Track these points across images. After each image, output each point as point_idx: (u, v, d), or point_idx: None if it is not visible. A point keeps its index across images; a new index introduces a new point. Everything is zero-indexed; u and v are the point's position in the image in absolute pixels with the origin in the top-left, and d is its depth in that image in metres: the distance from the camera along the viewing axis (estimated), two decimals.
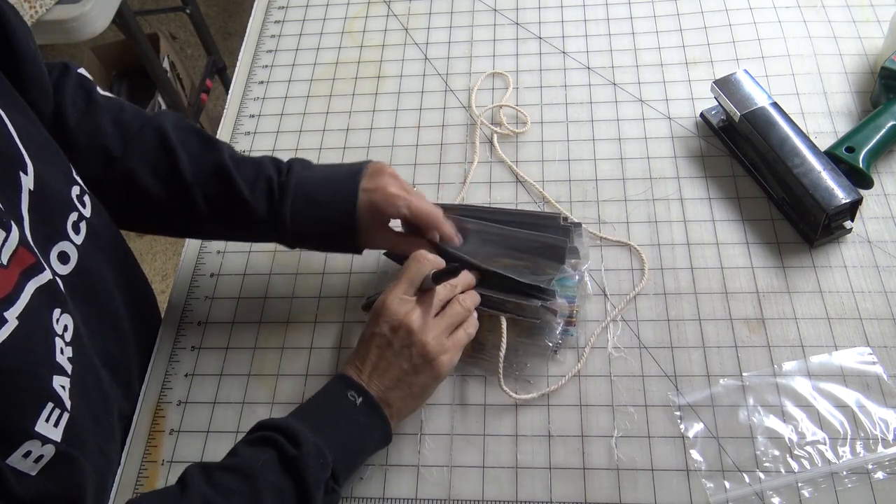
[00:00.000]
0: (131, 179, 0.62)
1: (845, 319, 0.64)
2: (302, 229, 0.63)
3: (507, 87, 0.84)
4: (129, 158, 0.62)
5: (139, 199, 0.63)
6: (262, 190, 0.63)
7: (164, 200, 0.63)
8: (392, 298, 0.58)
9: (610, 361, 0.64)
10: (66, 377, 0.50)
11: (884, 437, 0.58)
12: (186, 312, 0.72)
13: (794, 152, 0.67)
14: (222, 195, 0.63)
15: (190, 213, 0.63)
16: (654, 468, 0.59)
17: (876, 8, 0.85)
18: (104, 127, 0.62)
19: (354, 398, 0.55)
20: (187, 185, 0.62)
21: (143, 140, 0.63)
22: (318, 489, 0.51)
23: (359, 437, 0.56)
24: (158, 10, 1.97)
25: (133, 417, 0.66)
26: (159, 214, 0.65)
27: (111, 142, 0.62)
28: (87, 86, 0.64)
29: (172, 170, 0.62)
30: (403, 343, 0.56)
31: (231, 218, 0.64)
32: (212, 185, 0.62)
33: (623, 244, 0.71)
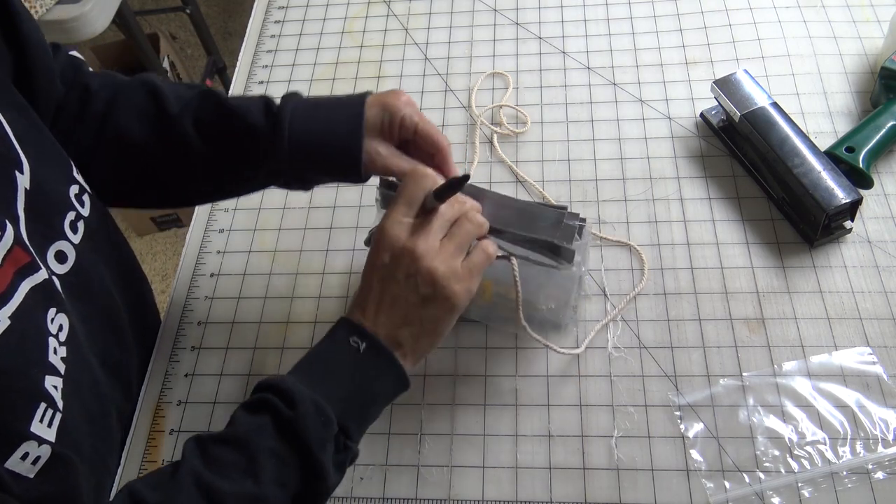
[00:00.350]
0: (121, 134, 0.60)
1: (845, 319, 0.64)
2: (304, 137, 0.57)
3: (507, 87, 0.84)
4: (117, 112, 0.60)
5: (132, 155, 0.60)
6: (257, 104, 0.59)
7: (155, 143, 0.60)
8: (390, 223, 0.51)
9: (610, 361, 0.64)
10: (58, 377, 0.49)
11: (884, 437, 0.58)
12: (186, 312, 0.72)
13: (794, 152, 0.67)
14: (212, 115, 0.59)
15: (183, 153, 0.60)
16: (654, 468, 0.59)
17: (876, 8, 0.85)
18: (92, 87, 0.61)
19: (357, 344, 0.50)
20: (174, 116, 0.59)
21: (128, 92, 0.61)
22: (321, 449, 0.47)
23: (366, 385, 0.50)
24: (158, 10, 1.97)
25: (133, 417, 0.66)
26: (154, 168, 0.61)
27: (98, 102, 0.60)
28: (76, 63, 0.63)
29: (158, 108, 0.59)
30: (408, 272, 0.50)
31: (225, 141, 0.59)
32: (201, 109, 0.59)
33: (623, 244, 0.71)
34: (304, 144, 0.57)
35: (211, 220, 0.78)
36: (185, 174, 0.62)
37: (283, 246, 0.75)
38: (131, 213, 1.94)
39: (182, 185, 0.64)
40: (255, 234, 0.77)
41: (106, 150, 0.61)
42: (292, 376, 0.51)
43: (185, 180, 0.63)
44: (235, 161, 0.60)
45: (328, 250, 0.74)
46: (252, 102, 0.59)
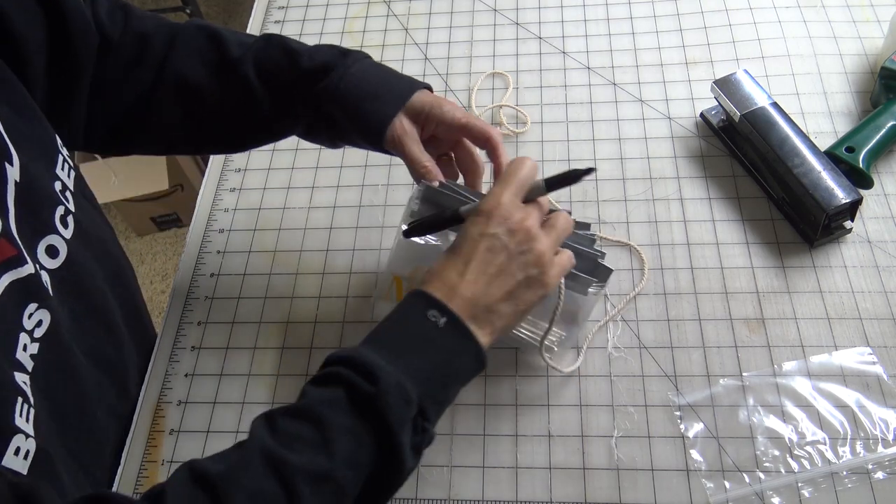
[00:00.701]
0: (181, 78, 0.60)
1: (845, 319, 0.64)
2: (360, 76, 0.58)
3: (507, 87, 0.84)
4: (177, 57, 0.61)
5: (192, 97, 0.61)
6: (325, 47, 0.61)
7: (216, 88, 0.61)
8: (507, 199, 0.50)
9: (610, 361, 0.64)
10: (25, 374, 0.48)
11: (884, 437, 0.58)
12: (186, 312, 0.72)
13: (794, 152, 0.67)
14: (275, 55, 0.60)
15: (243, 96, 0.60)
16: (654, 468, 0.59)
17: (876, 8, 0.85)
18: (148, 33, 0.61)
19: (436, 318, 0.47)
20: (235, 60, 0.60)
21: (188, 35, 0.62)
22: (402, 430, 0.44)
23: (446, 364, 0.47)
24: (158, 10, 1.97)
25: (133, 417, 0.66)
26: (214, 110, 0.62)
27: (157, 45, 0.61)
28: (122, 2, 0.63)
29: (219, 52, 0.61)
30: (521, 248, 0.49)
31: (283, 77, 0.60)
32: (263, 51, 0.61)
33: (623, 244, 0.71)
34: (353, 86, 0.58)
35: (211, 220, 0.78)
36: (244, 116, 0.62)
37: (283, 246, 0.75)
38: (131, 213, 1.94)
39: (239, 127, 0.64)
40: (255, 234, 0.77)
41: (164, 94, 0.61)
42: (367, 348, 0.47)
43: (242, 122, 0.63)
44: (292, 98, 0.60)
45: (328, 250, 0.74)
46: (318, 46, 0.61)
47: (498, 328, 0.50)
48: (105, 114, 0.62)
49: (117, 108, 0.62)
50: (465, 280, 0.48)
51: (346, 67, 0.59)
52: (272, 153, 0.82)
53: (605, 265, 0.59)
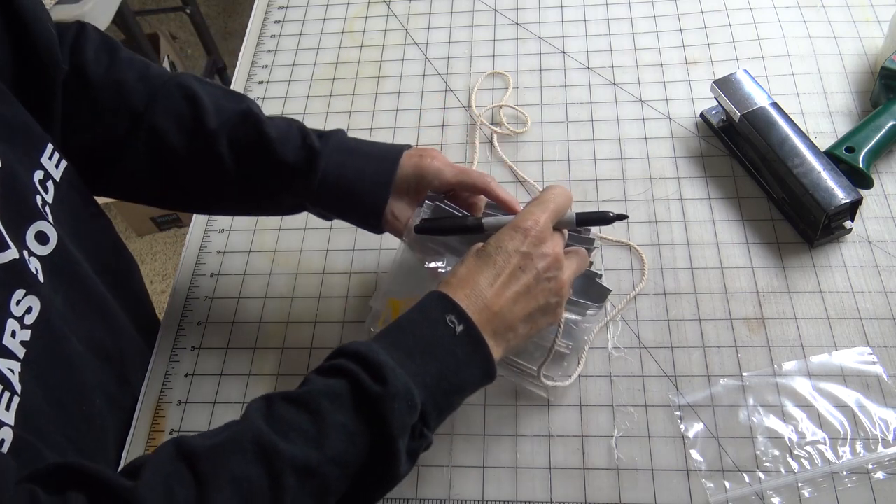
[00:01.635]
0: (156, 135, 0.60)
1: (845, 319, 0.64)
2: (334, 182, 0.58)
3: (507, 87, 0.84)
4: (154, 113, 0.60)
5: (163, 157, 0.60)
6: (295, 137, 0.59)
7: (188, 154, 0.60)
8: (545, 221, 0.50)
9: (610, 361, 0.64)
10: (14, 361, 0.47)
11: (884, 437, 0.58)
12: (186, 312, 0.72)
13: (794, 152, 0.67)
14: (250, 139, 0.59)
15: (214, 170, 0.60)
16: (654, 468, 0.59)
17: (876, 8, 0.85)
18: (128, 83, 0.60)
19: (454, 324, 0.46)
20: (211, 132, 0.59)
21: (168, 94, 0.61)
22: (402, 436, 0.43)
23: (454, 373, 0.46)
24: (158, 10, 1.97)
25: (133, 417, 0.66)
26: (182, 173, 0.61)
27: (136, 97, 0.60)
28: (112, 44, 0.62)
29: (197, 120, 0.60)
30: (549, 275, 0.49)
31: (258, 169, 0.60)
32: (239, 130, 0.60)
33: (623, 244, 0.71)
34: (332, 189, 0.58)
35: (211, 220, 0.79)
36: (212, 188, 0.62)
37: (283, 246, 0.75)
38: (131, 213, 1.94)
39: (206, 196, 0.64)
40: (255, 234, 0.77)
41: (137, 146, 0.60)
42: (379, 345, 0.46)
43: (210, 193, 0.63)
44: (263, 189, 0.61)
45: (328, 250, 0.74)
46: (291, 133, 0.60)
47: (511, 346, 0.50)
48: (76, 148, 0.61)
49: (86, 147, 0.61)
50: (494, 290, 0.48)
51: (317, 174, 0.58)
52: None
53: (604, 286, 0.61)
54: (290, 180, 0.59)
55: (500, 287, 0.48)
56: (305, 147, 0.59)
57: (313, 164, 0.58)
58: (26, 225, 0.52)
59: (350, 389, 0.43)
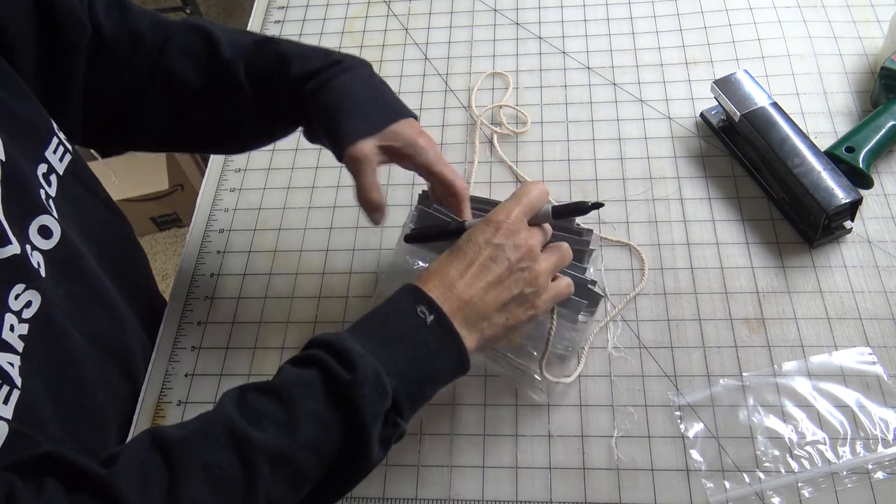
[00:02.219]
0: (173, 78, 0.61)
1: (845, 319, 0.64)
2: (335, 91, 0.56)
3: (507, 87, 0.84)
4: (168, 55, 0.61)
5: (184, 99, 0.61)
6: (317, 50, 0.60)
7: (207, 89, 0.61)
8: (517, 217, 0.51)
9: (610, 361, 0.64)
10: (14, 354, 0.47)
11: (884, 437, 0.58)
12: (186, 312, 0.72)
13: (794, 152, 0.67)
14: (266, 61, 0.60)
15: (232, 93, 0.60)
16: (654, 468, 0.59)
17: (876, 8, 0.85)
18: (143, 32, 0.61)
19: (425, 315, 0.47)
20: (227, 61, 0.60)
21: (180, 34, 0.61)
22: (374, 423, 0.44)
23: (426, 362, 0.47)
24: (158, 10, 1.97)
25: (133, 417, 0.66)
26: (200, 109, 0.62)
27: (151, 44, 0.61)
28: (121, 1, 0.63)
29: (212, 55, 0.61)
30: (521, 265, 0.50)
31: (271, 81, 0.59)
32: (253, 55, 0.60)
33: (623, 244, 0.71)
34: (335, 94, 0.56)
35: (211, 220, 0.78)
36: (232, 117, 0.62)
37: (283, 246, 0.75)
38: (131, 212, 1.93)
39: (228, 127, 0.64)
40: (255, 234, 0.77)
41: (156, 91, 0.61)
42: (350, 334, 0.46)
43: (231, 122, 0.63)
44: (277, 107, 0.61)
45: (328, 250, 0.74)
46: (310, 49, 0.60)
47: (486, 336, 0.50)
48: (101, 109, 0.62)
49: (112, 104, 0.62)
50: (464, 281, 0.49)
51: (331, 76, 0.57)
52: (272, 153, 0.82)
53: (596, 291, 0.61)
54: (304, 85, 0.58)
55: (471, 277, 0.49)
56: (329, 57, 0.59)
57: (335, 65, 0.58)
58: (30, 219, 0.52)
59: (321, 377, 0.44)
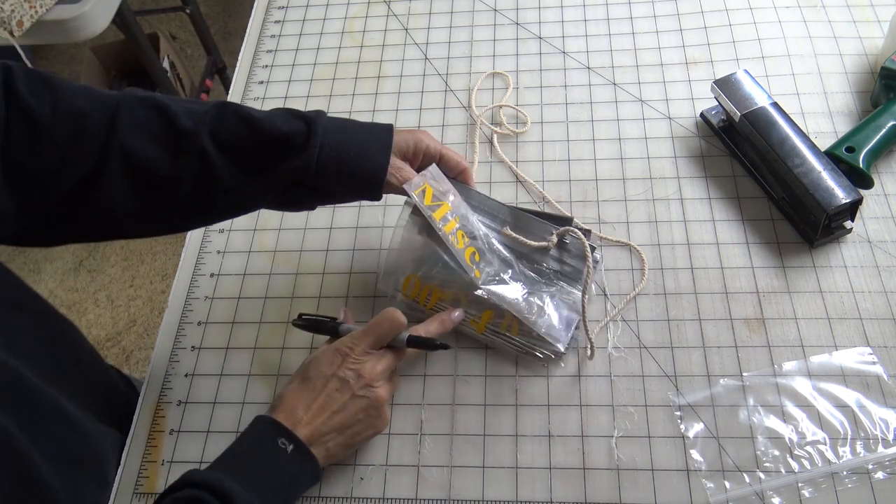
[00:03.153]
0: (130, 154, 0.54)
1: (845, 319, 0.64)
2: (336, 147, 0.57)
3: (507, 87, 0.84)
4: (121, 133, 0.54)
5: (145, 176, 0.55)
6: (279, 113, 0.58)
7: (170, 163, 0.55)
8: (360, 347, 0.58)
9: (610, 361, 0.64)
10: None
11: (884, 437, 0.58)
12: (186, 312, 0.72)
13: (794, 152, 0.67)
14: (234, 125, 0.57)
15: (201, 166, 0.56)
16: (654, 468, 0.59)
17: (876, 8, 0.85)
18: (84, 110, 0.54)
19: (285, 445, 0.54)
20: (189, 131, 0.55)
21: (130, 109, 0.55)
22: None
23: (290, 485, 0.54)
24: (158, 10, 1.97)
25: (133, 418, 0.66)
26: (168, 186, 0.56)
27: (97, 122, 0.54)
28: (45, 76, 0.55)
29: (170, 126, 0.55)
30: (363, 392, 0.57)
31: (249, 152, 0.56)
32: (217, 121, 0.57)
33: (623, 244, 0.71)
34: (335, 154, 0.58)
35: None
36: (203, 192, 0.57)
37: (283, 246, 0.75)
38: None
39: (198, 204, 0.59)
40: (255, 234, 0.77)
41: (111, 173, 0.55)
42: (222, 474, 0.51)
43: (201, 198, 0.58)
44: (259, 173, 0.58)
45: (328, 250, 0.74)
46: (273, 112, 0.59)
47: (332, 452, 0.57)
48: (41, 201, 0.54)
49: (56, 193, 0.54)
50: (310, 414, 0.56)
51: (317, 138, 0.57)
52: None
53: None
54: (288, 152, 0.57)
55: (318, 408, 0.56)
56: (297, 117, 0.58)
57: (312, 128, 0.57)
58: None
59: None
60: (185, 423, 0.65)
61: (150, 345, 1.73)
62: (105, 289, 1.84)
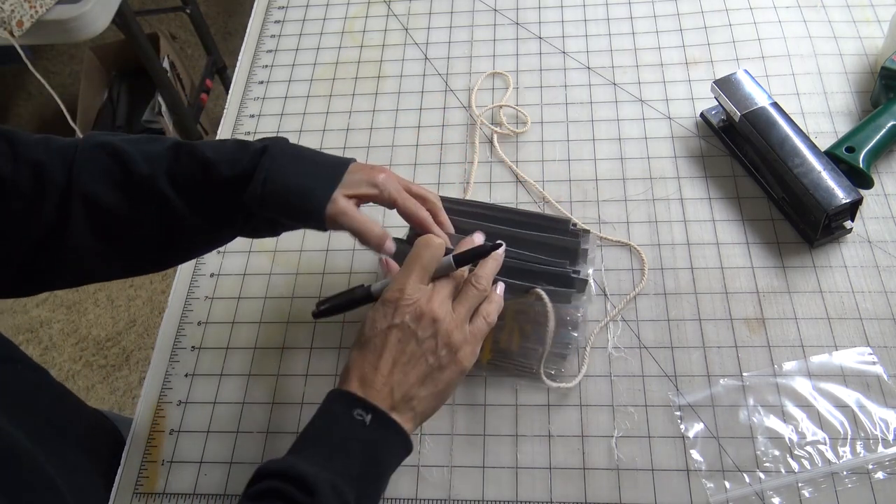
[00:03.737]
0: (91, 202, 0.55)
1: (845, 319, 0.64)
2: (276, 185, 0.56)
3: (507, 87, 0.84)
4: (80, 181, 0.55)
5: (105, 221, 0.56)
6: (231, 149, 0.57)
7: (129, 208, 0.56)
8: (410, 287, 0.52)
9: (610, 361, 0.64)
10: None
11: (884, 437, 0.58)
12: (186, 312, 0.72)
13: (794, 152, 0.67)
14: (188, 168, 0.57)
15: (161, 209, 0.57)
16: (654, 468, 0.59)
17: (876, 8, 0.85)
18: (43, 161, 0.54)
19: (362, 416, 0.48)
20: (147, 177, 0.56)
21: (87, 157, 0.56)
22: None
23: (375, 460, 0.49)
24: (158, 10, 1.97)
25: (133, 418, 0.66)
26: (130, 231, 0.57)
27: (56, 172, 0.55)
28: (8, 135, 0.55)
29: (127, 172, 0.56)
30: (428, 333, 0.51)
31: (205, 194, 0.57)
32: (173, 165, 0.57)
33: (623, 244, 0.71)
34: (277, 187, 0.56)
35: None
36: (165, 232, 0.58)
37: (283, 246, 0.75)
38: None
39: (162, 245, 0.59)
40: None
41: (74, 222, 0.55)
42: (298, 458, 0.48)
43: (164, 239, 0.58)
44: (216, 212, 0.58)
45: (328, 250, 0.74)
46: (226, 145, 0.58)
47: (419, 412, 0.51)
48: (10, 253, 0.55)
49: (24, 246, 0.55)
50: (382, 376, 0.50)
51: (264, 168, 0.56)
52: None
53: (580, 279, 0.63)
54: (240, 187, 0.57)
55: (386, 365, 0.50)
56: (249, 150, 0.58)
57: (260, 161, 0.57)
58: None
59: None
60: (185, 423, 0.65)
61: (150, 345, 1.73)
62: (105, 289, 1.84)
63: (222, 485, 0.62)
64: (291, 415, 0.65)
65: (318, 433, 0.49)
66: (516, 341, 0.63)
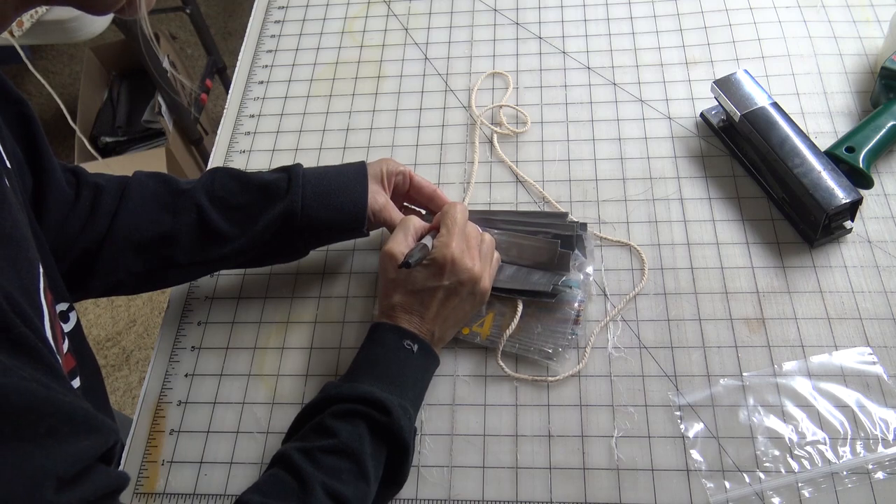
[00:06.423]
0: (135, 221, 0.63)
1: (845, 319, 0.64)
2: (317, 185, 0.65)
3: (507, 87, 0.84)
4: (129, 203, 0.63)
5: (146, 239, 0.63)
6: (264, 171, 0.66)
7: (170, 223, 0.64)
8: (457, 251, 0.61)
9: (610, 361, 0.64)
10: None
11: (884, 437, 0.58)
12: (186, 312, 0.72)
13: (794, 152, 0.67)
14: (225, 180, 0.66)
15: (198, 226, 0.64)
16: (654, 468, 0.59)
17: (876, 8, 0.85)
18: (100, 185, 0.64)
19: (411, 346, 0.60)
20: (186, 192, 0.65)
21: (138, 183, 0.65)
22: (411, 439, 0.57)
23: (422, 379, 0.61)
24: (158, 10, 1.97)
25: (133, 418, 0.66)
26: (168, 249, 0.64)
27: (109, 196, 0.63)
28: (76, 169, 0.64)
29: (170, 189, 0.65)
30: (470, 291, 0.62)
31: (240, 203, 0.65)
32: (209, 183, 0.66)
33: (623, 244, 0.71)
34: (318, 190, 0.65)
35: None
36: (200, 247, 0.64)
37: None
38: None
39: (195, 261, 0.65)
40: None
41: (121, 240, 0.62)
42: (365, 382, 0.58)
43: (198, 255, 0.65)
44: (250, 217, 0.64)
45: (328, 250, 0.74)
46: (257, 172, 0.67)
47: (445, 338, 0.64)
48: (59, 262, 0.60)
49: (70, 257, 0.62)
50: (426, 319, 0.62)
51: (299, 178, 0.65)
52: (272, 153, 0.82)
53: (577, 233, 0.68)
54: (276, 197, 0.64)
55: (433, 314, 0.62)
56: (277, 170, 0.67)
57: (292, 172, 0.65)
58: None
59: (367, 426, 0.55)
60: (185, 423, 0.65)
61: (150, 345, 1.73)
62: None
63: (222, 485, 0.62)
64: (292, 415, 0.65)
65: (377, 359, 0.60)
66: (516, 321, 0.65)
